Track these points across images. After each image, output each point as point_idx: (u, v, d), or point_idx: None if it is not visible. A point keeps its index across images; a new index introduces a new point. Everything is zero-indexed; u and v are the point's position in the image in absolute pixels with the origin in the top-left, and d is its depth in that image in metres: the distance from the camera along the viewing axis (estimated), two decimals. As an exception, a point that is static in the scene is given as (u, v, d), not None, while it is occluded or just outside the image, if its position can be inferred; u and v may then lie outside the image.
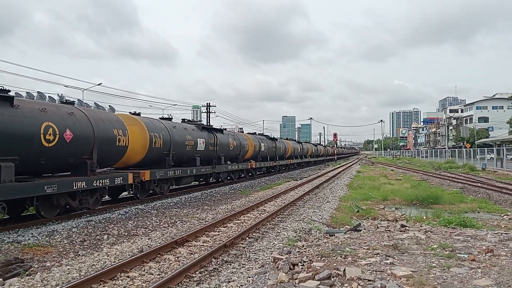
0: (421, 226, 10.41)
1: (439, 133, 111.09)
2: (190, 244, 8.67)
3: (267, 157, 32.18)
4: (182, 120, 21.20)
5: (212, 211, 13.67)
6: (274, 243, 8.81)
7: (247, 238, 9.26)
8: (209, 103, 49.91)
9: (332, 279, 5.64)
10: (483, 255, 6.95)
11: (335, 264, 6.29)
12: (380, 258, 6.76)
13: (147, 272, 6.69)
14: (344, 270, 5.82)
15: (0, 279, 6.20)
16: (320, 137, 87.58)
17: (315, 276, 5.74)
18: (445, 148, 67.80)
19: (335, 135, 67.67)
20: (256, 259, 7.59)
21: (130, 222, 11.27)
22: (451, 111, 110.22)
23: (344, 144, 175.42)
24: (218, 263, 7.31)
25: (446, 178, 28.35)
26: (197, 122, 21.51)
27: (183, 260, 7.43)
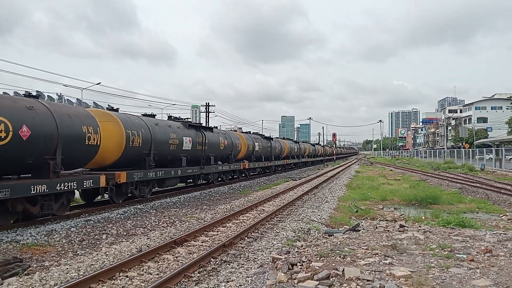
0: (420, 226, 10.41)
1: (438, 133, 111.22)
2: (189, 244, 8.67)
3: (261, 157, 30.92)
4: (169, 117, 19.83)
5: (211, 210, 13.67)
6: (273, 243, 8.81)
7: (246, 238, 9.26)
8: (208, 103, 49.93)
9: (331, 279, 5.64)
10: (482, 255, 6.96)
11: (334, 264, 6.29)
12: (379, 258, 6.76)
13: (145, 272, 6.68)
14: (343, 270, 5.83)
15: (-1, 279, 6.19)
16: (319, 137, 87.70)
17: (314, 276, 5.74)
18: (444, 148, 67.87)
19: (334, 135, 67.76)
20: (255, 259, 7.59)
21: (129, 222, 11.26)
22: (450, 111, 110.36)
23: (343, 144, 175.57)
24: (217, 263, 7.30)
25: (445, 179, 28.38)
26: (184, 119, 19.94)
27: (182, 260, 7.42)
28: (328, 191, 20.30)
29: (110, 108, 15.24)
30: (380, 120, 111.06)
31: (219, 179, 23.02)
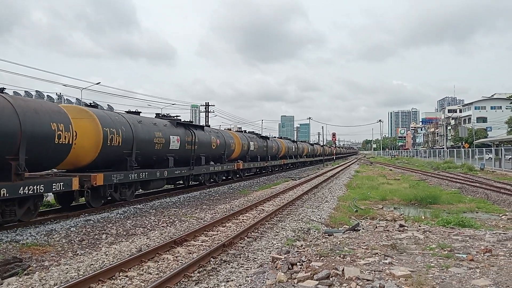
0: (419, 226, 10.42)
1: (437, 133, 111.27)
2: (189, 244, 8.67)
3: (257, 157, 29.59)
4: (156, 115, 18.56)
5: (210, 210, 13.67)
6: (272, 243, 8.81)
7: (245, 238, 9.26)
8: (207, 103, 49.88)
9: (330, 278, 5.65)
10: (482, 255, 6.97)
11: (333, 264, 6.30)
12: (378, 258, 6.77)
13: (145, 272, 6.68)
14: (343, 270, 5.83)
15: (-2, 279, 6.18)
16: (318, 136, 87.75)
17: (314, 275, 5.75)
18: (443, 148, 67.91)
19: (333, 135, 67.70)
20: (255, 258, 7.59)
21: (129, 222, 11.26)
22: (449, 111, 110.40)
23: (343, 144, 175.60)
24: (217, 262, 7.30)
25: (444, 178, 28.39)
26: (172, 117, 18.63)
27: (182, 260, 7.42)
28: (327, 191, 20.31)
29: (89, 104, 14.22)
30: (379, 120, 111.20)
31: (211, 180, 21.95)
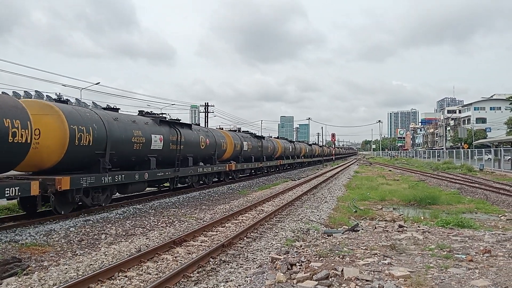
0: (418, 227, 10.43)
1: (437, 133, 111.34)
2: (188, 244, 8.67)
3: (251, 157, 28.29)
4: (139, 112, 17.26)
5: (210, 211, 13.67)
6: (272, 243, 8.82)
7: (245, 238, 9.26)
8: (207, 103, 49.85)
9: (330, 279, 5.65)
10: (481, 255, 6.97)
11: (333, 264, 6.30)
12: (378, 258, 6.77)
13: (145, 272, 6.68)
14: (342, 270, 5.83)
15: (-3, 279, 6.18)
16: (318, 137, 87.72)
17: (313, 276, 5.75)
18: (443, 148, 67.96)
19: (333, 135, 67.70)
20: (254, 259, 7.59)
21: (128, 222, 11.26)
22: (449, 111, 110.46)
23: (342, 144, 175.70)
24: (216, 263, 7.30)
25: (443, 179, 28.41)
26: (156, 115, 17.45)
27: (181, 260, 7.42)
28: (327, 191, 20.31)
29: (57, 99, 12.74)
30: (379, 121, 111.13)
31: (201, 182, 20.64)
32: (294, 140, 54.91)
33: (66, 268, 6.83)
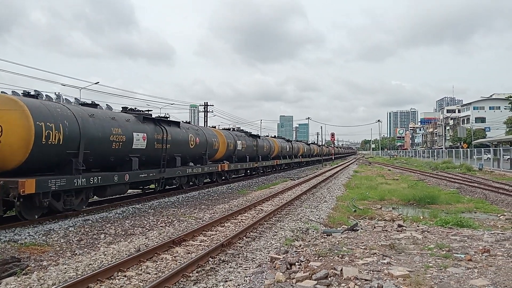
0: (418, 226, 10.44)
1: (436, 133, 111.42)
2: (188, 244, 8.67)
3: (245, 157, 27.14)
4: (123, 108, 16.13)
5: (209, 210, 13.67)
6: (271, 243, 8.82)
7: (244, 238, 9.26)
8: (206, 103, 49.84)
9: (329, 278, 5.66)
10: (480, 255, 6.98)
11: (332, 264, 6.30)
12: (377, 258, 6.78)
13: (144, 272, 6.68)
14: (341, 270, 5.84)
15: (-3, 278, 6.17)
16: (317, 136, 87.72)
17: (312, 275, 5.76)
18: (442, 148, 68.00)
19: (332, 135, 67.74)
20: (254, 258, 7.60)
21: (127, 222, 11.25)
22: (448, 111, 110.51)
23: (342, 144, 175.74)
24: (215, 262, 7.30)
25: (443, 178, 28.43)
26: (140, 111, 16.18)
27: (180, 260, 7.42)
28: (326, 191, 20.32)
29: (25, 93, 11.77)
30: (378, 120, 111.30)
31: (191, 183, 19.53)
32: (291, 139, 53.83)
33: (65, 268, 6.83)
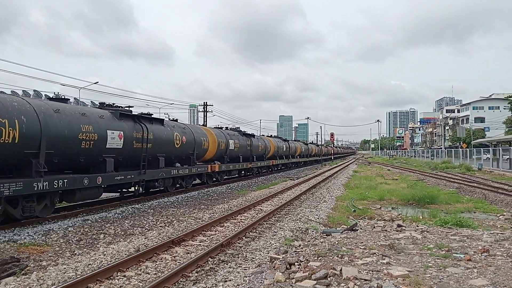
0: (417, 226, 10.44)
1: (435, 133, 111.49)
2: (187, 244, 8.66)
3: (239, 157, 25.95)
4: (100, 104, 14.90)
5: (209, 210, 13.67)
6: (271, 243, 8.82)
7: (244, 238, 9.26)
8: (206, 103, 49.86)
9: (328, 278, 5.66)
10: (479, 255, 6.98)
11: (331, 264, 6.30)
12: (376, 257, 6.78)
13: (143, 272, 6.67)
14: (341, 270, 5.84)
15: (-4, 279, 6.17)
16: (317, 136, 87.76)
17: (312, 275, 5.76)
18: (441, 148, 68.05)
19: (332, 134, 67.83)
20: (253, 258, 7.59)
21: (127, 221, 11.25)
22: (447, 111, 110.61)
23: (341, 144, 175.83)
24: (215, 262, 7.30)
25: (442, 178, 28.45)
26: (117, 107, 14.80)
27: (180, 260, 7.42)
28: (326, 191, 20.33)
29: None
30: (378, 120, 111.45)
31: (177, 185, 18.30)
32: (289, 139, 52.55)
33: (65, 268, 6.82)
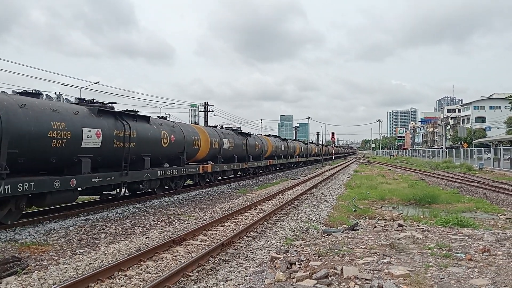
0: (418, 226, 10.44)
1: (436, 132, 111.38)
2: (188, 243, 8.67)
3: (234, 157, 24.87)
4: (79, 100, 14.03)
5: (209, 210, 13.68)
6: (271, 242, 8.82)
7: (244, 237, 9.26)
8: (206, 102, 49.92)
9: (329, 278, 5.66)
10: (480, 254, 6.98)
11: (332, 263, 6.31)
12: (377, 257, 6.78)
13: (144, 271, 6.68)
14: (342, 269, 5.84)
15: (-3, 278, 6.18)
16: (318, 136, 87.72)
17: (313, 275, 5.76)
18: (442, 147, 68.00)
19: (332, 134, 67.83)
20: (254, 258, 7.59)
21: (128, 221, 11.26)
22: (448, 111, 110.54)
23: (342, 144, 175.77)
24: (216, 262, 7.30)
25: (443, 178, 28.43)
26: (97, 103, 13.66)
27: (181, 259, 7.42)
28: (326, 191, 20.32)
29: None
30: (378, 120, 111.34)
31: (166, 187, 17.19)
32: (287, 138, 51.38)
33: (66, 267, 6.83)
